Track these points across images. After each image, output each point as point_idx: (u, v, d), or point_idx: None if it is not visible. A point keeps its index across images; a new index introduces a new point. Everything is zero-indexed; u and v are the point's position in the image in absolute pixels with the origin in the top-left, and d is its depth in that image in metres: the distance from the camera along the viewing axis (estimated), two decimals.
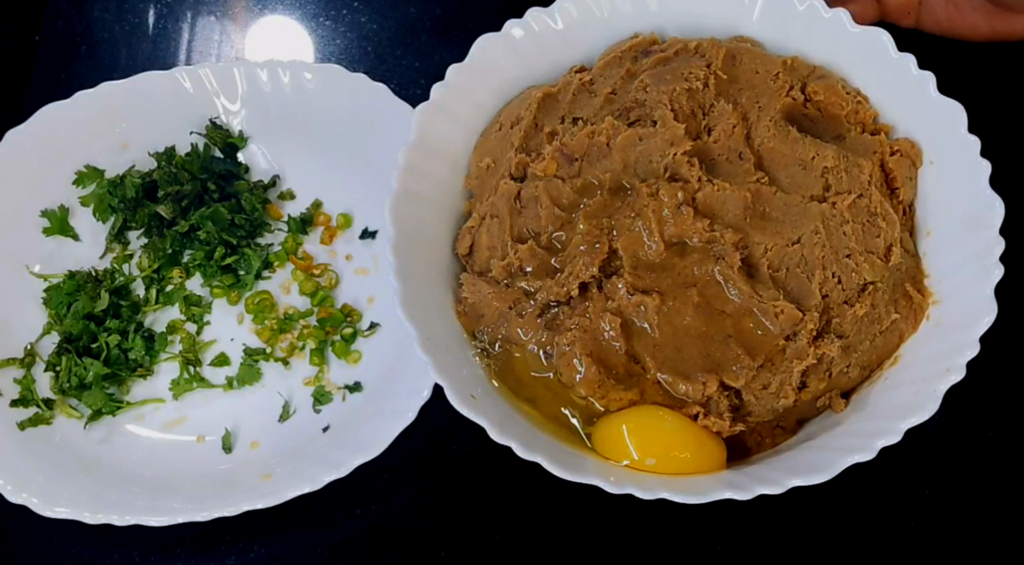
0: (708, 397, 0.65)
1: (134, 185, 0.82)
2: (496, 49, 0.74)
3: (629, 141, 0.69)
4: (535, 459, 0.60)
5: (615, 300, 0.66)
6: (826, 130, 0.71)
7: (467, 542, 0.72)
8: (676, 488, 0.60)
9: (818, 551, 0.71)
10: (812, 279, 0.65)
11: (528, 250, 0.69)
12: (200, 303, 0.81)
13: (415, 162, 0.71)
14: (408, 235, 0.69)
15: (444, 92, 0.72)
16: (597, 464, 0.64)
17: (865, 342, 0.65)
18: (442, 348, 0.66)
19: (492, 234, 0.70)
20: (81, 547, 0.73)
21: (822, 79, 0.72)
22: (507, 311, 0.68)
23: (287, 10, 0.95)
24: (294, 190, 0.85)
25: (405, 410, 0.71)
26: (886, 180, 0.69)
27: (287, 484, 0.71)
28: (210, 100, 0.85)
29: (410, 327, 0.65)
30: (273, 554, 0.73)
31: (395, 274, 0.66)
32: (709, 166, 0.69)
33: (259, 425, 0.76)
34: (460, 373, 0.66)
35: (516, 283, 0.69)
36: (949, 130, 0.67)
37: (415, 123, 0.71)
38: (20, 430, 0.75)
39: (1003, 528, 0.71)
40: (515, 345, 0.68)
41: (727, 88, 0.71)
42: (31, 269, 0.81)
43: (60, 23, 0.95)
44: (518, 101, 0.75)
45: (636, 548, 0.71)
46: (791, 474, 0.60)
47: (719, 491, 0.60)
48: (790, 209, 0.67)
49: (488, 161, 0.73)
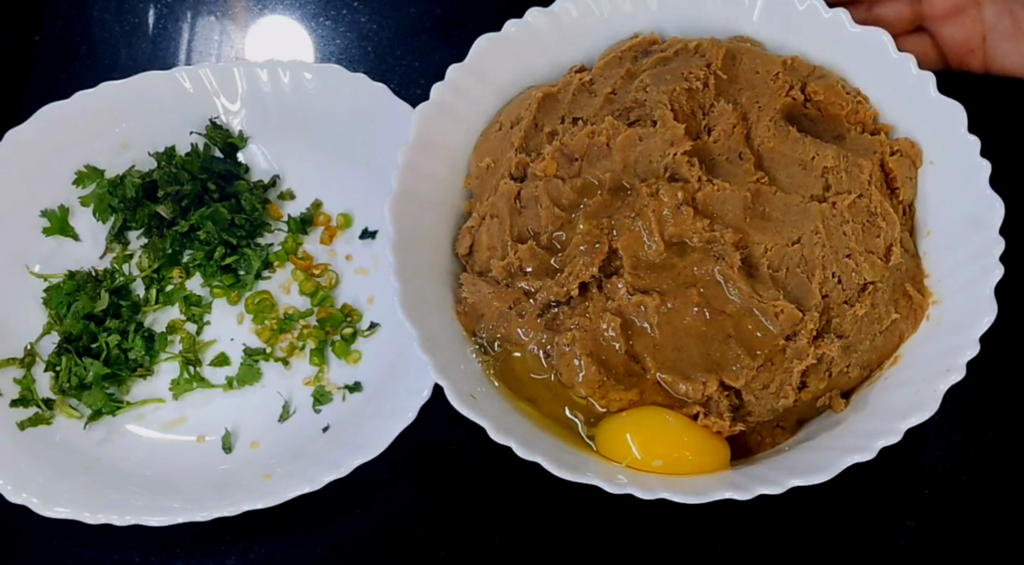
0: (708, 397, 0.65)
1: (134, 185, 0.82)
2: (496, 49, 0.74)
3: (629, 141, 0.69)
4: (535, 459, 0.60)
5: (615, 300, 0.66)
6: (826, 130, 0.71)
7: (467, 542, 0.72)
8: (676, 488, 0.60)
9: (818, 551, 0.71)
10: (812, 279, 0.65)
11: (528, 250, 0.69)
12: (200, 303, 0.81)
13: (415, 162, 0.71)
14: (408, 235, 0.69)
15: (444, 92, 0.72)
16: (597, 464, 0.64)
17: (865, 342, 0.65)
18: (442, 348, 0.66)
19: (492, 234, 0.70)
20: (81, 547, 0.73)
21: (822, 79, 0.72)
22: (507, 311, 0.68)
23: (287, 10, 0.95)
24: (294, 190, 0.85)
25: (405, 410, 0.71)
26: (886, 180, 0.69)
27: (287, 484, 0.71)
28: (210, 100, 0.85)
29: (410, 327, 0.65)
30: (273, 554, 0.73)
31: (395, 274, 0.66)
32: (709, 166, 0.69)
33: (259, 425, 0.76)
34: (460, 373, 0.66)
35: (516, 283, 0.69)
36: (949, 130, 0.66)
37: (415, 123, 0.71)
38: (20, 430, 0.75)
39: (1003, 528, 0.71)
40: (515, 345, 0.68)
41: (727, 88, 0.71)
42: (31, 269, 0.81)
43: (60, 23, 0.95)
44: (518, 101, 0.75)
45: (636, 548, 0.71)
46: (791, 474, 0.60)
47: (719, 491, 0.60)
48: (790, 209, 0.67)
49: (488, 161, 0.73)
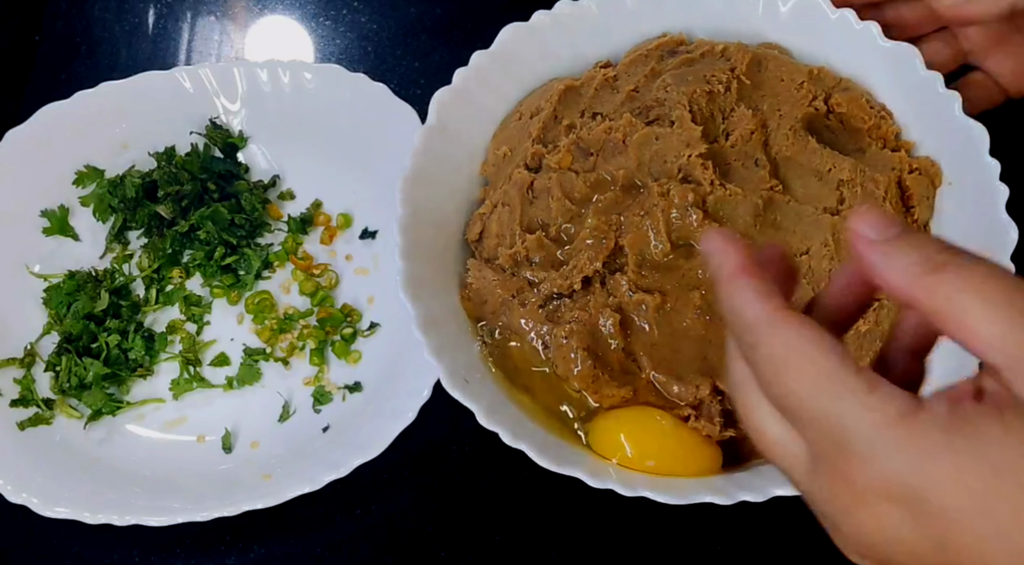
0: (700, 400, 0.64)
1: (134, 185, 0.82)
2: (522, 38, 0.73)
3: (645, 139, 0.69)
4: (520, 447, 0.60)
5: (616, 296, 0.66)
6: (847, 143, 0.70)
7: (467, 542, 0.72)
8: (658, 488, 0.60)
9: (818, 551, 0.71)
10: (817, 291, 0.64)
11: (536, 240, 0.68)
12: (200, 303, 0.81)
13: (431, 144, 0.70)
14: (417, 216, 0.68)
15: (466, 78, 0.71)
16: (584, 458, 0.63)
17: (865, 359, 0.64)
18: (441, 330, 0.66)
19: (502, 222, 0.70)
20: (81, 547, 0.73)
21: (847, 91, 0.71)
22: (510, 300, 0.68)
23: (287, 10, 0.95)
24: (294, 190, 0.85)
25: (405, 410, 0.71)
26: (903, 197, 0.68)
27: (287, 484, 0.70)
28: (210, 100, 0.85)
29: (410, 307, 0.64)
30: (273, 554, 0.73)
31: (400, 254, 0.66)
32: (724, 170, 0.68)
33: (259, 425, 0.76)
34: (456, 356, 0.65)
35: (521, 272, 0.69)
36: (971, 152, 0.65)
37: (434, 105, 0.70)
38: (20, 430, 0.75)
39: None
40: (515, 334, 0.68)
41: (750, 93, 0.71)
42: (31, 269, 0.81)
43: (60, 23, 0.95)
44: (540, 92, 0.74)
45: (636, 548, 0.71)
46: (775, 483, 0.59)
47: (701, 495, 0.59)
48: (802, 219, 0.66)
49: (505, 149, 0.72)
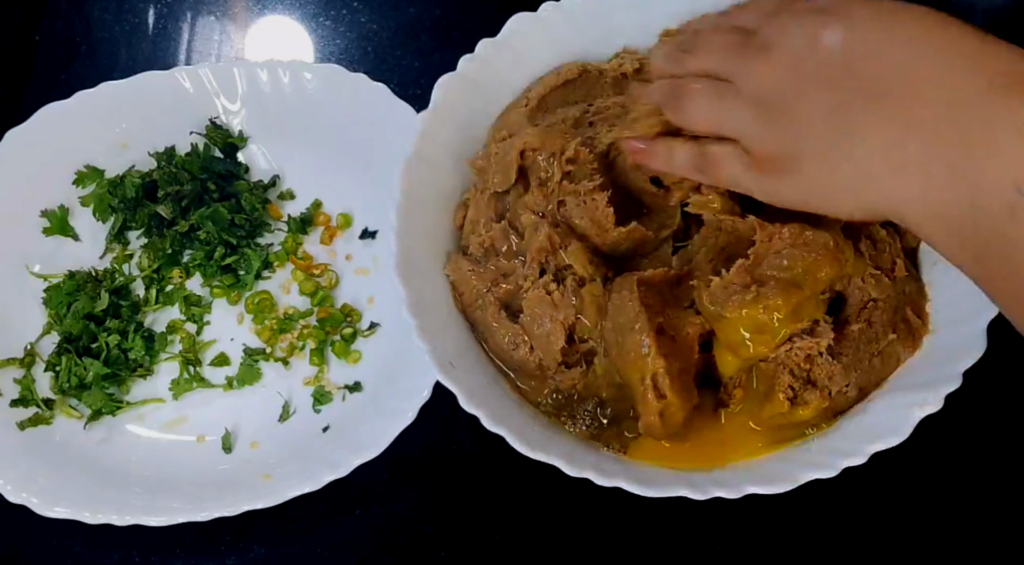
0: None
1: (134, 185, 0.82)
2: (529, 29, 0.73)
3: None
4: (499, 431, 0.60)
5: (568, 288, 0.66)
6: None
7: (467, 542, 0.72)
8: (634, 479, 0.60)
9: (818, 551, 0.71)
10: None
11: (501, 230, 0.68)
12: (200, 303, 0.81)
13: (433, 129, 0.70)
14: (415, 200, 0.69)
15: (471, 65, 0.72)
16: (562, 446, 0.64)
17: (864, 361, 0.64)
18: (430, 313, 0.66)
19: (479, 209, 0.70)
20: (81, 547, 0.73)
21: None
22: (484, 292, 0.68)
23: (287, 10, 0.95)
24: (294, 190, 0.85)
25: (405, 410, 0.71)
26: None
27: (287, 484, 0.70)
28: (210, 100, 0.85)
29: (401, 289, 0.65)
30: (273, 554, 0.73)
31: (395, 236, 0.66)
32: None
33: (259, 425, 0.76)
34: (444, 339, 0.66)
35: (489, 263, 0.69)
36: None
37: (437, 91, 0.71)
38: (20, 430, 0.75)
39: (1003, 528, 0.70)
40: (486, 327, 0.68)
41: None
42: (31, 269, 0.81)
43: (60, 23, 0.95)
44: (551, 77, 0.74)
45: (636, 548, 0.71)
46: (749, 481, 0.60)
47: (675, 489, 0.60)
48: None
49: (504, 135, 0.73)
